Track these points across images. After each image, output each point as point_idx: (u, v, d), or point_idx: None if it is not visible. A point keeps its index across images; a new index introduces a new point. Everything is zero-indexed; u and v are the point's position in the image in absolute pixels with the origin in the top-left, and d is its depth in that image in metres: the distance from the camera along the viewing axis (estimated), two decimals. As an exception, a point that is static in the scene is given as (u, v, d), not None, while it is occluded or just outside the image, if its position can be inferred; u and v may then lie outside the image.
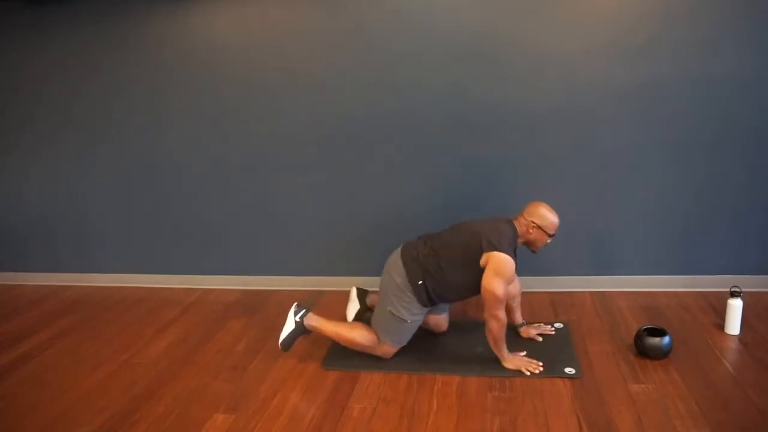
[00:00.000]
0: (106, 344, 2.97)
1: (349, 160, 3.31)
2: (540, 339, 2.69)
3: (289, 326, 2.64)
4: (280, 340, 2.64)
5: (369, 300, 2.94)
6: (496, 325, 2.40)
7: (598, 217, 3.18)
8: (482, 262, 2.40)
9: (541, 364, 2.48)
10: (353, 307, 2.91)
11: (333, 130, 3.28)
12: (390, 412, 2.24)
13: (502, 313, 2.39)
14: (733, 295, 2.66)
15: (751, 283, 3.09)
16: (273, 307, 3.30)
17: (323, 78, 3.21)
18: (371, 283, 3.38)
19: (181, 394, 2.46)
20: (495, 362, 2.53)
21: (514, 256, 2.43)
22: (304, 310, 2.66)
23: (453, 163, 3.21)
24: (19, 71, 3.54)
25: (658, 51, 2.90)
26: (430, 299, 2.52)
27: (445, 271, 2.47)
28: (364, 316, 2.87)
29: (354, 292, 2.95)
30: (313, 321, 2.65)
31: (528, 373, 2.43)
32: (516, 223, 2.52)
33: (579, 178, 3.13)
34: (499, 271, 2.35)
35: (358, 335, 2.59)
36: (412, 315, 2.53)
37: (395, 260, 2.57)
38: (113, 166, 3.60)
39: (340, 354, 2.66)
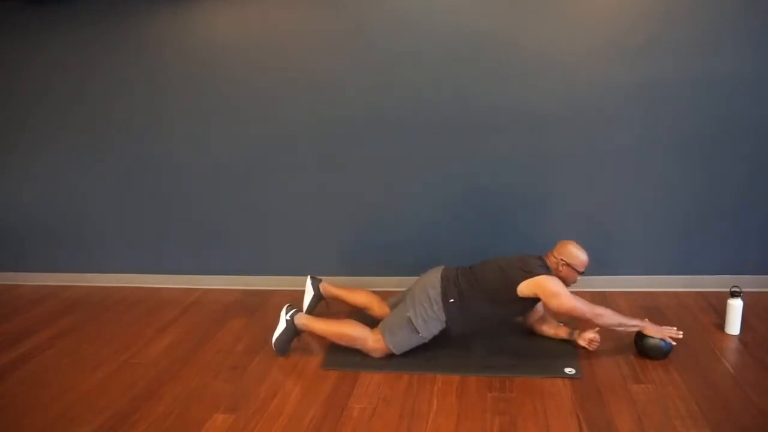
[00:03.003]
0: (106, 344, 2.97)
1: (349, 160, 3.31)
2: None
3: (280, 326, 2.69)
4: (273, 340, 2.69)
5: (322, 288, 2.99)
6: (604, 319, 2.41)
7: (599, 217, 3.18)
8: (522, 290, 2.42)
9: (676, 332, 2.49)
10: (308, 296, 2.99)
11: (333, 131, 3.28)
12: (390, 412, 2.24)
13: (596, 310, 2.39)
14: (733, 295, 2.66)
15: (751, 283, 3.09)
16: (273, 307, 3.30)
17: (323, 78, 3.21)
18: (370, 283, 3.40)
19: (181, 394, 2.46)
20: (495, 362, 2.53)
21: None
22: (294, 310, 2.72)
23: (453, 163, 3.21)
24: (19, 71, 3.54)
25: (658, 51, 2.90)
26: (452, 320, 2.54)
27: (479, 298, 2.51)
28: (318, 304, 2.99)
29: (308, 281, 3.01)
30: (304, 319, 2.69)
31: (671, 341, 2.46)
32: (546, 261, 2.56)
33: (579, 178, 3.13)
34: (552, 291, 2.38)
35: (350, 329, 2.61)
36: (426, 330, 2.55)
37: (434, 277, 2.60)
38: (113, 166, 3.60)
39: (339, 354, 2.66)
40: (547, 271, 2.50)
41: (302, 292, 3.06)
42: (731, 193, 3.05)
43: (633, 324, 2.47)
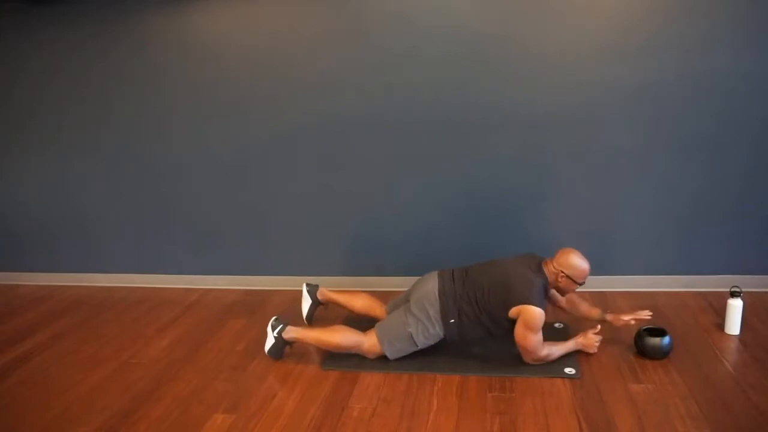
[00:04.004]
0: (106, 344, 2.97)
1: (349, 160, 3.31)
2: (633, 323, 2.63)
3: (269, 341, 2.66)
4: (266, 351, 2.67)
5: (320, 294, 2.98)
6: (552, 357, 2.49)
7: (599, 217, 3.18)
8: (513, 313, 2.41)
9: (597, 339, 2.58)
10: (306, 304, 2.97)
11: (333, 131, 3.28)
12: (390, 412, 2.24)
13: (539, 355, 2.44)
14: (733, 295, 2.66)
15: (751, 283, 3.09)
16: (273, 307, 3.30)
17: (323, 78, 3.21)
18: (371, 283, 3.40)
19: (181, 394, 2.46)
20: (495, 362, 2.53)
21: (544, 305, 2.43)
22: (281, 325, 2.66)
23: (453, 164, 3.21)
24: (19, 71, 3.54)
25: (658, 51, 2.90)
26: (451, 337, 2.54)
27: (479, 316, 2.49)
28: (316, 310, 2.99)
29: (305, 289, 3.00)
30: (293, 333, 2.65)
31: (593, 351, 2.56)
32: (546, 269, 2.51)
33: (579, 178, 3.13)
34: (529, 325, 2.37)
35: (341, 338, 2.58)
36: (425, 343, 2.55)
37: (431, 290, 2.55)
38: (113, 166, 3.60)
39: (339, 354, 2.66)
40: (544, 289, 2.47)
41: (302, 292, 3.06)
42: (731, 193, 3.05)
43: (572, 349, 2.55)
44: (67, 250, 3.85)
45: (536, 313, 2.36)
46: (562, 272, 2.47)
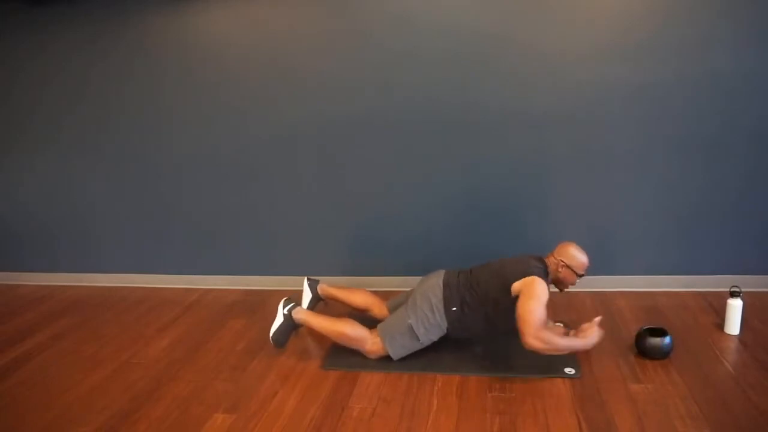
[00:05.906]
0: (106, 344, 2.97)
1: (349, 161, 3.31)
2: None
3: (278, 319, 2.69)
4: (271, 333, 2.69)
5: (320, 289, 2.99)
6: (543, 349, 2.28)
7: (598, 217, 3.18)
8: (515, 288, 2.38)
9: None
10: (306, 298, 2.99)
11: (333, 131, 3.28)
12: (390, 412, 2.24)
13: (541, 333, 2.26)
14: (733, 295, 2.66)
15: (751, 283, 3.09)
16: (273, 307, 3.30)
17: (323, 78, 3.21)
18: (370, 283, 3.40)
19: (181, 394, 2.46)
20: (495, 362, 2.53)
21: (548, 284, 2.42)
22: (292, 304, 2.71)
23: (453, 164, 3.21)
24: (19, 71, 3.54)
25: (658, 51, 2.90)
26: (453, 328, 2.53)
27: (480, 302, 2.49)
28: (317, 305, 2.99)
29: (306, 283, 3.02)
30: (302, 314, 2.69)
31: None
32: (546, 261, 2.54)
33: (579, 178, 3.13)
34: (530, 293, 2.30)
35: (350, 328, 2.60)
36: (426, 337, 2.54)
37: (435, 283, 2.57)
38: (113, 166, 3.60)
39: (339, 354, 2.66)
40: (545, 274, 2.47)
41: (302, 293, 3.06)
42: (731, 193, 3.05)
43: (579, 346, 2.40)
44: (67, 250, 3.85)
45: (538, 282, 2.34)
46: (562, 261, 2.50)
